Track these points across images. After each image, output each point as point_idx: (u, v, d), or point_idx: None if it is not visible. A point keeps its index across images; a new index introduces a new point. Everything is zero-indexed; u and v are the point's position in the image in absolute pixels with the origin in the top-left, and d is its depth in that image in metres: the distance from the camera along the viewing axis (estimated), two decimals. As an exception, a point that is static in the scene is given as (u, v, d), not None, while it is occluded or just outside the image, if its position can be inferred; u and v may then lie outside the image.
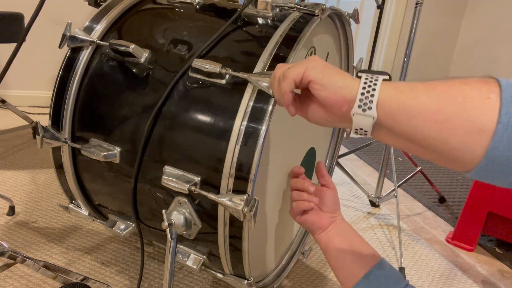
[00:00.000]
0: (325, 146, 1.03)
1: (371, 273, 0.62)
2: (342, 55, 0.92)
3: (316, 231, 0.71)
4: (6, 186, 1.23)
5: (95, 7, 0.80)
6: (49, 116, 0.72)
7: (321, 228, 0.71)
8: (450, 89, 0.37)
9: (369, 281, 0.61)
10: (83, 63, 0.70)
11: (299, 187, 0.72)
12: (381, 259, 0.64)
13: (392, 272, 0.63)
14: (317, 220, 0.71)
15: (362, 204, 1.43)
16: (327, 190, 0.74)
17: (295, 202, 0.72)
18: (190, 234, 0.67)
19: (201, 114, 0.62)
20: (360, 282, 0.62)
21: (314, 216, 0.71)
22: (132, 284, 0.87)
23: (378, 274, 0.62)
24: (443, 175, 1.82)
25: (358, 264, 0.64)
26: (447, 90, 0.37)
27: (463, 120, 0.36)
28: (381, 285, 0.60)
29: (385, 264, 0.64)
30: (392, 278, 0.61)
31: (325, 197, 0.73)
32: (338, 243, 0.68)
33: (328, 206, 0.72)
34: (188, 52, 0.67)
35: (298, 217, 0.72)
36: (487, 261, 1.17)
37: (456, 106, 0.36)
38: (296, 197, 0.72)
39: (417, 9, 1.23)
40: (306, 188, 0.71)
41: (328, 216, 0.72)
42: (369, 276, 0.62)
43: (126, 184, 0.69)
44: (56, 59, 2.03)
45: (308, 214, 0.71)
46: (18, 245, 0.96)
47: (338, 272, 0.67)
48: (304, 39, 0.63)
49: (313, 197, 0.71)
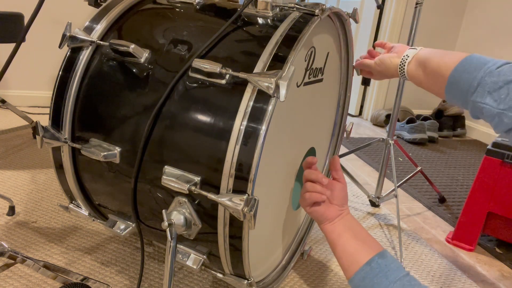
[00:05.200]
0: (325, 146, 1.03)
1: (373, 260, 0.65)
2: (342, 55, 0.92)
3: (323, 221, 0.75)
4: (6, 186, 1.23)
5: (95, 7, 0.80)
6: (49, 116, 0.72)
7: (328, 219, 0.74)
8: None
9: (371, 268, 0.65)
10: (83, 63, 0.70)
11: (313, 178, 0.76)
12: (384, 250, 0.68)
13: (393, 262, 0.66)
14: (326, 212, 0.74)
15: (362, 204, 1.43)
16: (338, 184, 0.78)
17: (308, 193, 0.75)
18: (190, 234, 0.67)
19: (201, 114, 0.62)
20: (362, 269, 0.66)
21: (324, 207, 0.75)
22: (132, 284, 0.87)
23: (380, 262, 0.65)
24: (443, 175, 1.82)
25: (361, 253, 0.68)
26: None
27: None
28: (381, 273, 0.64)
29: (387, 254, 0.67)
30: (392, 267, 0.64)
31: (335, 190, 0.76)
32: (344, 233, 0.72)
33: (338, 199, 0.76)
34: (188, 52, 0.67)
35: (308, 207, 0.76)
36: (487, 261, 1.17)
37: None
38: (310, 189, 0.75)
39: (417, 9, 1.23)
40: (320, 180, 0.75)
41: (336, 209, 0.75)
42: (371, 263, 0.65)
43: (126, 184, 0.69)
44: (56, 59, 2.04)
45: (318, 206, 0.75)
46: (18, 245, 0.96)
47: (342, 260, 0.70)
48: (304, 39, 0.63)
49: (325, 190, 0.75)
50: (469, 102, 0.61)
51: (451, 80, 0.63)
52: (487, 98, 0.58)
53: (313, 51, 0.73)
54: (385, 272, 0.63)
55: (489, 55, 0.62)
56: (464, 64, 0.62)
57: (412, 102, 2.66)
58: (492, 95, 0.57)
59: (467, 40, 2.70)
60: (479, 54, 0.63)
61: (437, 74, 0.66)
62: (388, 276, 0.63)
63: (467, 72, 0.61)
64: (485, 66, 0.59)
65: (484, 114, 0.60)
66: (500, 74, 0.57)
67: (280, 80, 0.56)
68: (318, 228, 1.20)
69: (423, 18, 1.28)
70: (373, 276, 0.64)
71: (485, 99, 0.58)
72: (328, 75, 0.86)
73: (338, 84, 0.98)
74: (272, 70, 0.58)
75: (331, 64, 0.87)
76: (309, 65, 0.73)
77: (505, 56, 2.41)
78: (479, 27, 2.61)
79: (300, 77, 0.71)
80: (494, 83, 0.57)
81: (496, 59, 0.60)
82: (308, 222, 1.04)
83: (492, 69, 0.58)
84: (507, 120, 0.56)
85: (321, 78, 0.82)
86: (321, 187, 0.74)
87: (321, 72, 0.81)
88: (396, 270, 0.64)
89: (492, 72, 0.58)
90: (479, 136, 2.56)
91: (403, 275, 0.63)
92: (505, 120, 0.57)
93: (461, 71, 0.62)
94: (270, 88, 0.56)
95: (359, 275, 0.65)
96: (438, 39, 2.72)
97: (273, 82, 0.56)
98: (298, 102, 0.74)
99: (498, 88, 0.57)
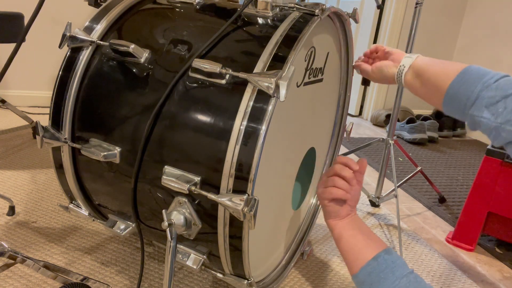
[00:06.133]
0: (325, 146, 1.03)
1: (379, 256, 0.66)
2: (342, 55, 0.92)
3: (333, 217, 0.76)
4: (6, 186, 1.23)
5: (95, 7, 0.80)
6: (49, 116, 0.72)
7: (338, 216, 0.75)
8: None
9: (377, 263, 0.66)
10: (83, 63, 0.70)
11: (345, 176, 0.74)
12: (389, 247, 0.69)
13: (398, 258, 0.67)
14: (341, 210, 0.75)
15: (362, 204, 1.43)
16: (357, 185, 0.78)
17: (335, 189, 0.74)
18: (190, 234, 0.67)
19: (201, 114, 0.62)
20: (368, 264, 0.66)
21: (341, 205, 0.75)
22: (132, 284, 0.87)
23: (386, 258, 0.66)
24: (443, 175, 1.82)
25: (367, 249, 0.69)
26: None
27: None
28: (388, 268, 0.64)
29: (392, 251, 0.68)
30: (398, 264, 0.65)
31: (354, 191, 0.77)
32: (351, 230, 0.73)
33: (353, 200, 0.77)
34: (188, 52, 0.67)
35: (327, 201, 0.76)
36: (487, 261, 1.17)
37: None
38: (339, 185, 0.74)
39: (417, 9, 1.23)
40: (351, 181, 0.74)
41: (348, 209, 0.76)
42: (378, 258, 0.66)
43: (126, 184, 0.69)
44: (56, 59, 2.04)
45: (336, 202, 0.75)
46: (18, 245, 0.96)
47: (348, 254, 0.71)
48: (304, 39, 0.63)
49: (351, 190, 0.75)
50: (467, 115, 0.62)
51: (449, 94, 0.64)
52: (485, 112, 0.59)
53: (313, 51, 0.73)
54: (391, 268, 0.64)
55: (489, 55, 0.62)
56: (462, 77, 0.63)
57: (412, 102, 2.66)
58: (490, 109, 0.58)
59: (467, 40, 2.70)
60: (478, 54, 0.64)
61: (435, 87, 0.67)
62: (395, 272, 0.63)
63: (465, 85, 0.62)
64: (482, 79, 0.60)
65: (482, 128, 0.60)
66: (497, 88, 0.58)
67: (280, 80, 0.56)
68: (318, 228, 1.20)
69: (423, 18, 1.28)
70: (379, 271, 0.64)
71: (482, 113, 0.59)
72: (328, 75, 0.86)
73: (338, 84, 0.98)
74: (272, 70, 0.58)
75: (331, 64, 0.87)
76: (309, 65, 0.73)
77: (505, 56, 2.41)
78: (479, 27, 2.61)
79: (300, 77, 0.71)
80: (491, 98, 0.58)
81: (494, 72, 0.61)
82: (308, 222, 1.04)
83: (490, 82, 0.59)
84: (505, 134, 0.57)
85: (321, 78, 0.82)
86: (349, 187, 0.75)
87: (321, 72, 0.81)
88: (402, 267, 0.65)
89: (489, 86, 0.59)
90: (479, 136, 2.56)
91: (409, 272, 0.64)
92: (502, 134, 0.58)
93: (459, 84, 0.63)
94: (270, 88, 0.56)
95: (365, 270, 0.66)
96: (438, 39, 2.72)
97: (273, 82, 0.56)
98: (298, 102, 0.74)
99: (496, 102, 0.58)
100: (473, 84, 0.61)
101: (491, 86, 0.59)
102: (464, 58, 2.74)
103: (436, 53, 2.80)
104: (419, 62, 0.71)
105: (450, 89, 0.64)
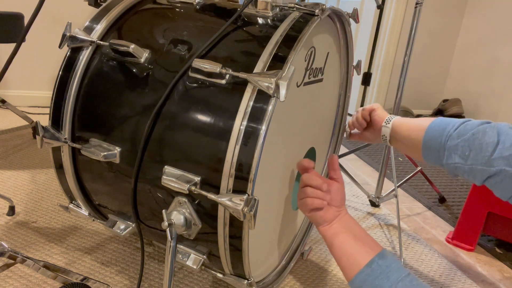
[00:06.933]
0: (325, 146, 1.03)
1: (373, 262, 0.65)
2: (342, 55, 0.92)
3: (321, 224, 0.74)
4: (6, 186, 1.23)
5: (95, 7, 0.80)
6: (49, 116, 0.72)
7: (326, 221, 0.73)
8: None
9: (371, 270, 0.64)
10: (83, 63, 0.70)
11: (313, 185, 0.74)
12: (383, 250, 0.67)
13: (393, 262, 0.65)
14: (325, 215, 0.73)
15: (362, 204, 1.43)
16: (335, 184, 0.76)
17: (310, 199, 0.73)
18: (190, 234, 0.67)
19: (201, 114, 0.62)
20: (362, 271, 0.65)
21: (323, 211, 0.73)
22: (132, 284, 0.87)
23: (380, 263, 0.64)
24: (443, 175, 1.82)
25: (360, 254, 0.67)
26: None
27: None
28: (382, 274, 0.63)
29: (387, 254, 0.67)
30: (393, 268, 0.64)
31: (334, 191, 0.75)
32: (342, 234, 0.71)
33: (336, 200, 0.75)
34: (188, 52, 0.67)
35: (307, 212, 0.74)
36: (487, 261, 1.17)
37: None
38: (312, 194, 0.73)
39: (417, 9, 1.23)
40: (320, 187, 0.73)
41: (334, 210, 0.74)
42: (372, 264, 0.65)
43: (126, 184, 0.69)
44: (56, 59, 2.04)
45: (318, 210, 0.73)
46: (18, 245, 0.96)
47: (341, 262, 0.69)
48: (304, 39, 0.63)
49: (326, 195, 0.74)
50: (444, 165, 0.69)
51: (423, 150, 0.72)
52: (456, 158, 0.66)
53: (313, 51, 0.73)
54: (386, 273, 0.63)
55: (489, 55, 0.63)
56: (427, 134, 0.71)
57: (412, 102, 2.66)
58: (459, 155, 0.65)
59: (467, 40, 2.70)
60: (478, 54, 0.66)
61: (412, 147, 0.75)
62: (390, 277, 0.62)
63: (432, 141, 0.70)
64: (445, 131, 0.68)
65: (459, 173, 0.67)
66: (459, 135, 0.66)
67: (280, 80, 0.56)
68: (318, 228, 1.20)
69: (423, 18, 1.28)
70: (374, 278, 0.63)
71: (454, 159, 0.66)
72: (328, 75, 0.86)
73: (338, 84, 0.98)
74: (272, 70, 0.58)
75: (331, 64, 0.87)
76: (309, 65, 0.73)
77: (505, 56, 2.41)
78: (479, 27, 2.61)
79: (300, 77, 0.71)
80: (456, 145, 0.65)
81: (455, 120, 0.68)
82: (308, 222, 1.04)
83: (451, 132, 0.67)
84: (478, 174, 0.63)
85: (321, 78, 0.82)
86: (322, 193, 0.73)
87: (321, 72, 0.81)
88: (397, 271, 0.63)
89: (451, 135, 0.66)
90: (479, 136, 2.55)
91: (405, 275, 0.62)
92: (476, 174, 0.63)
93: (428, 140, 0.71)
94: (270, 88, 0.56)
95: (359, 277, 0.65)
96: (438, 39, 2.72)
97: (273, 82, 0.56)
98: (298, 102, 0.74)
99: (461, 147, 0.65)
100: (439, 137, 0.68)
101: (452, 135, 0.66)
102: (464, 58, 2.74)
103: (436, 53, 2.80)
104: (394, 127, 0.80)
105: (423, 147, 0.72)
